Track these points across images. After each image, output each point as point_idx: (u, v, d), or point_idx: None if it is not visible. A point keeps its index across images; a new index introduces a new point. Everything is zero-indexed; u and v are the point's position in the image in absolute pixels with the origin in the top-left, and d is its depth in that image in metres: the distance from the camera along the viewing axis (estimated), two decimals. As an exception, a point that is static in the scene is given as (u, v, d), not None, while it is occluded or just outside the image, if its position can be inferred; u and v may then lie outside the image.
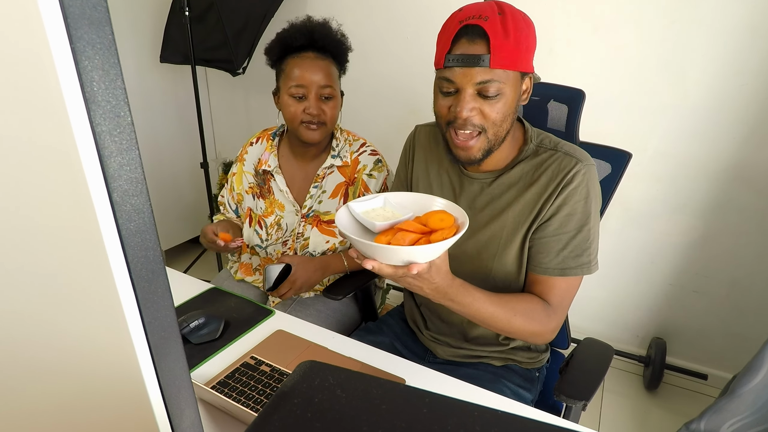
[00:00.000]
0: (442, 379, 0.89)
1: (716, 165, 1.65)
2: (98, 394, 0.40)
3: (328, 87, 1.17)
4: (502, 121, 0.86)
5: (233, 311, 1.07)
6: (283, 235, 1.30)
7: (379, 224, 0.74)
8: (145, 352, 0.33)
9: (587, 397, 0.87)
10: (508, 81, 0.83)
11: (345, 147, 1.29)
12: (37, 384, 0.44)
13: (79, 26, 0.25)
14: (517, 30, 0.80)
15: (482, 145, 0.88)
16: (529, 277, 0.97)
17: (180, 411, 0.37)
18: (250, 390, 0.82)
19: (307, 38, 1.16)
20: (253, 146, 1.35)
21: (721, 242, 1.73)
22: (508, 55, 0.80)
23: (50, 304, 0.37)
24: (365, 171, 1.28)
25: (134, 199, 0.30)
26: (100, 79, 0.27)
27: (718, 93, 1.58)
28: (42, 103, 0.27)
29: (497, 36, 0.78)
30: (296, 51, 1.17)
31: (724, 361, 1.86)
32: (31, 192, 0.31)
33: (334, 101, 1.20)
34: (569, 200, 0.89)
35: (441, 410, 0.36)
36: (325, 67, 1.17)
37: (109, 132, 0.28)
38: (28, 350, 0.41)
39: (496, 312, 0.86)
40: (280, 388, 0.39)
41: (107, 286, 0.30)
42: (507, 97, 0.84)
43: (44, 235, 0.33)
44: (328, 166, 1.26)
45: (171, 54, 2.16)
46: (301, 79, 1.15)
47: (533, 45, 0.85)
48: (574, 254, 0.90)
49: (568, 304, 0.95)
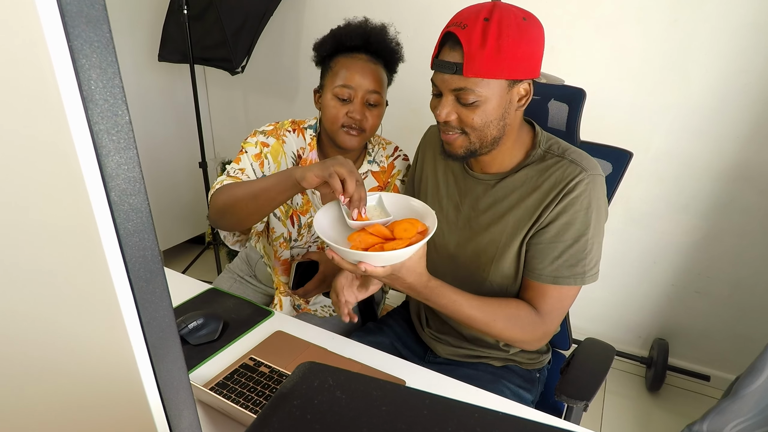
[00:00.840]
0: (443, 380, 0.90)
1: (719, 164, 1.65)
2: (95, 396, 0.40)
3: (376, 93, 1.11)
4: (483, 126, 0.87)
5: (232, 312, 1.07)
6: (311, 239, 1.26)
7: (353, 223, 0.82)
8: (144, 353, 0.33)
9: (588, 397, 0.87)
10: (488, 89, 0.83)
11: (380, 152, 1.25)
12: (33, 385, 0.44)
13: (77, 24, 0.25)
14: (501, 37, 0.79)
15: (464, 144, 0.91)
16: (523, 281, 0.97)
17: (178, 412, 0.38)
18: (249, 391, 0.82)
19: (363, 39, 1.10)
20: (291, 134, 1.20)
21: (724, 242, 1.73)
22: (483, 65, 0.80)
23: (47, 304, 0.37)
24: (399, 176, 1.25)
25: (132, 198, 0.30)
26: (97, 77, 0.27)
27: (722, 92, 1.58)
28: (39, 101, 0.27)
29: (471, 45, 0.80)
30: (348, 51, 1.11)
31: (727, 362, 1.86)
32: (28, 191, 0.31)
33: (379, 109, 1.14)
34: (569, 209, 0.89)
35: (441, 412, 0.36)
36: (376, 71, 1.11)
37: (107, 131, 0.28)
38: (25, 350, 0.41)
39: (474, 315, 0.89)
40: (280, 390, 0.39)
41: (105, 286, 0.30)
42: (487, 105, 0.85)
43: (41, 235, 0.33)
44: (365, 171, 1.22)
45: (169, 52, 2.16)
46: (350, 80, 1.09)
47: (532, 50, 0.83)
48: (568, 264, 0.90)
49: (561, 314, 0.94)
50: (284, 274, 1.27)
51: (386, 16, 2.00)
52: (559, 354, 1.24)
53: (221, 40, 2.03)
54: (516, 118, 0.91)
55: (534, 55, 0.84)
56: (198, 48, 2.08)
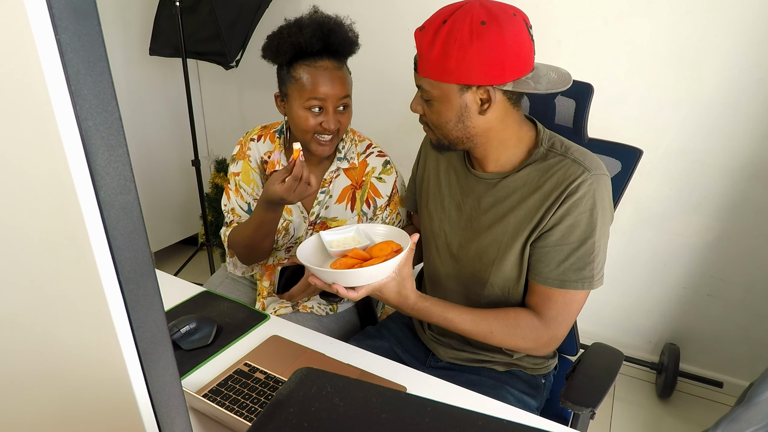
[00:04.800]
0: (444, 386, 0.90)
1: (732, 162, 1.66)
2: (85, 402, 0.40)
3: (346, 97, 1.13)
4: (440, 125, 0.92)
5: (226, 316, 1.07)
6: (288, 241, 1.28)
7: (333, 250, 0.92)
8: (134, 359, 0.33)
9: (594, 403, 0.87)
10: (438, 90, 0.87)
11: (351, 148, 1.26)
12: (20, 391, 0.44)
13: (65, 17, 0.26)
14: (449, 43, 0.81)
15: (433, 137, 0.97)
16: (528, 285, 0.98)
17: (170, 420, 0.38)
18: (244, 398, 0.82)
19: (323, 42, 1.09)
20: (255, 143, 1.28)
21: (737, 243, 1.73)
22: (430, 67, 0.85)
23: (34, 307, 0.37)
24: (374, 174, 1.26)
25: (122, 197, 0.30)
26: (86, 72, 0.27)
27: (735, 87, 1.58)
28: (26, 97, 0.27)
29: (422, 47, 0.86)
30: (311, 57, 1.09)
31: (741, 368, 1.86)
32: (14, 190, 0.31)
33: (349, 109, 1.16)
34: (573, 210, 0.89)
35: (443, 420, 0.36)
36: (342, 76, 1.11)
37: (96, 128, 0.28)
38: (11, 355, 0.41)
39: (469, 329, 0.94)
40: (275, 397, 0.39)
41: (94, 288, 0.30)
42: (440, 105, 0.89)
43: (28, 235, 0.33)
44: (335, 169, 1.24)
45: (161, 46, 2.16)
46: (319, 92, 1.08)
47: (492, 56, 0.81)
48: (575, 267, 0.90)
49: (568, 319, 0.95)
50: (266, 279, 1.31)
51: (387, 8, 2.00)
52: (565, 359, 1.24)
53: (215, 34, 2.03)
54: (488, 121, 0.90)
55: (493, 61, 0.81)
56: (191, 41, 2.08)
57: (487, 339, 0.95)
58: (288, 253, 1.30)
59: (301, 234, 1.27)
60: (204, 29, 2.05)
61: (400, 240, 0.92)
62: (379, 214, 1.27)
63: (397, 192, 1.28)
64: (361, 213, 1.26)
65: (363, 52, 1.18)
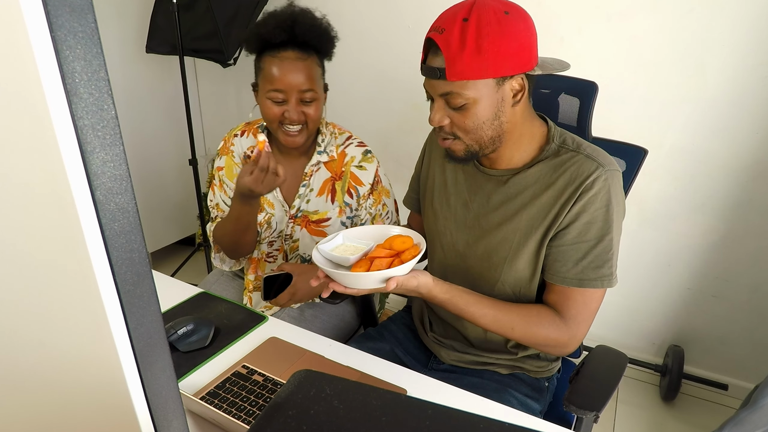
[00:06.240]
0: (446, 389, 0.90)
1: (737, 162, 1.65)
2: (81, 405, 0.40)
3: (310, 91, 1.13)
4: (476, 128, 0.89)
5: (224, 317, 1.07)
6: (270, 235, 1.30)
7: (352, 257, 0.89)
8: (130, 361, 0.33)
9: (598, 407, 0.86)
10: (475, 90, 0.85)
11: (331, 141, 1.28)
12: (16, 393, 0.44)
13: (60, 14, 0.25)
14: (481, 36, 0.80)
15: (461, 147, 0.94)
16: (546, 285, 0.98)
17: (167, 423, 0.38)
18: (242, 401, 0.82)
19: (288, 33, 1.11)
20: (239, 138, 1.32)
21: (742, 244, 1.73)
22: (466, 67, 0.82)
23: (29, 309, 0.37)
24: (354, 163, 1.27)
25: (119, 197, 0.30)
26: (82, 70, 0.27)
27: (740, 85, 1.58)
28: (21, 95, 0.27)
29: (451, 49, 0.82)
30: (275, 47, 1.12)
31: (746, 370, 1.86)
32: (8, 190, 0.31)
33: (317, 103, 1.17)
34: (589, 207, 0.89)
35: (444, 422, 0.36)
36: (306, 68, 1.13)
37: (92, 126, 0.28)
38: (6, 358, 0.41)
39: (489, 324, 0.94)
40: (274, 399, 0.39)
41: (90, 290, 0.30)
42: (477, 107, 0.87)
43: (23, 237, 0.33)
44: (315, 163, 1.26)
45: (158, 44, 2.16)
46: (280, 83, 1.11)
47: (519, 43, 0.83)
48: (594, 265, 0.90)
49: (587, 319, 0.95)
50: (252, 272, 1.34)
51: (386, 5, 2.01)
52: (569, 362, 1.24)
53: (212, 31, 2.03)
54: (515, 114, 0.91)
55: (522, 48, 0.84)
56: (188, 39, 2.08)
57: (507, 334, 0.95)
58: (271, 246, 1.32)
59: (283, 227, 1.29)
60: (201, 26, 2.05)
61: (410, 233, 0.95)
62: (363, 203, 1.28)
63: (380, 181, 1.29)
64: (343, 204, 1.28)
65: (363, 51, 1.18)
